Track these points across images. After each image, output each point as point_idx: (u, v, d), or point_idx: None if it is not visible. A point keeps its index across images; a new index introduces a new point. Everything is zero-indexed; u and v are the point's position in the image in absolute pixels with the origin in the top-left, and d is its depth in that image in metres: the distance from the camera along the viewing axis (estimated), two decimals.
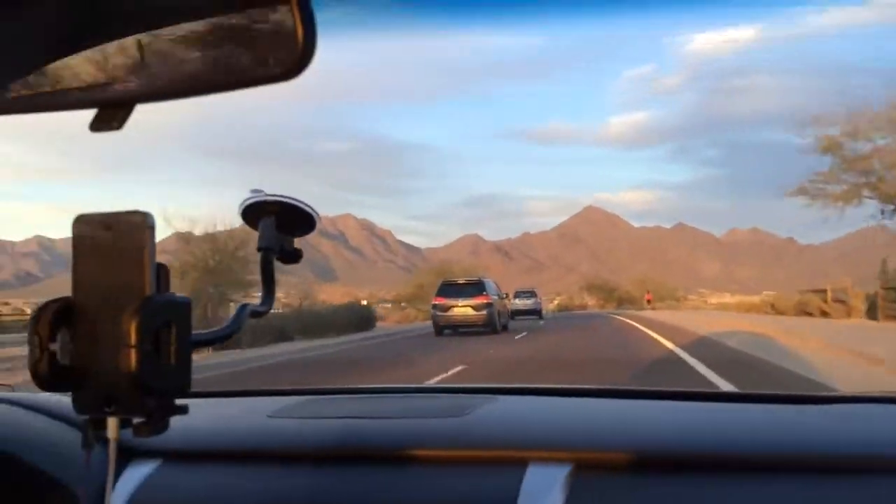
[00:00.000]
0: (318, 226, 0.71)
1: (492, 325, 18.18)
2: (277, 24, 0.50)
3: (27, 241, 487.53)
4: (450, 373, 9.18)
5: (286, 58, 0.50)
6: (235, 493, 0.91)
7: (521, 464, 0.89)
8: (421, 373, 9.47)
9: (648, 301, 47.33)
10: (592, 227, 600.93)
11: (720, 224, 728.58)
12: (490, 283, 20.05)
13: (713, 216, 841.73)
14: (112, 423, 0.52)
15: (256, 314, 0.65)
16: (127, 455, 0.95)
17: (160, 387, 0.51)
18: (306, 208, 0.70)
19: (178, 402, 0.53)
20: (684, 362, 9.78)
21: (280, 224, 0.69)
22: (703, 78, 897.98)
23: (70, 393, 0.53)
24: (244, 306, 0.64)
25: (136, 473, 0.91)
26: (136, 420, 0.52)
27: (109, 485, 0.57)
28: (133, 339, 0.49)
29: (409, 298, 42.53)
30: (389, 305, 47.68)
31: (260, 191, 0.69)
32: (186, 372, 0.52)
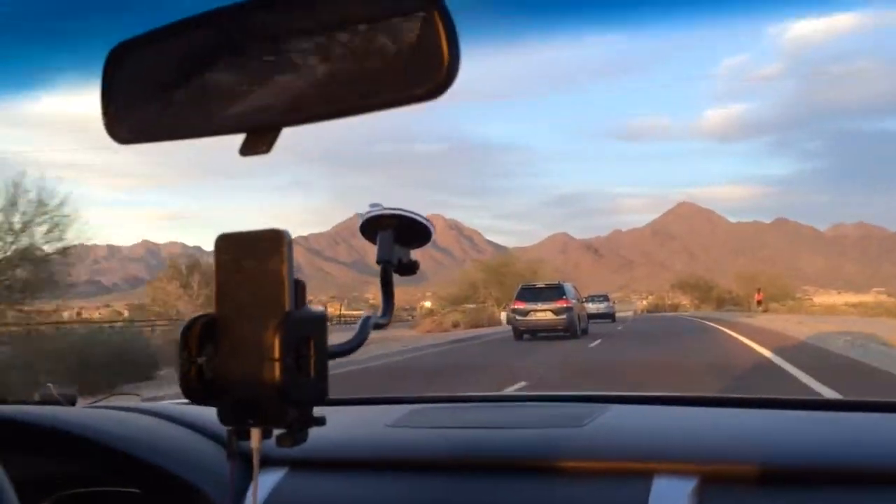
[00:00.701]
0: (434, 237, 0.76)
1: (572, 329, 18.79)
2: (422, 41, 0.53)
3: (135, 246, 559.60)
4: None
5: (431, 76, 0.52)
6: (359, 502, 0.98)
7: (647, 476, 0.91)
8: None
9: (759, 302, 40.99)
10: (686, 223, 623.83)
11: (823, 218, 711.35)
12: (569, 286, 20.71)
13: (815, 210, 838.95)
14: (255, 433, 0.58)
15: (378, 326, 0.69)
16: (261, 463, 1.02)
17: (301, 398, 0.56)
18: (423, 220, 0.75)
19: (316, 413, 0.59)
20: None
21: (397, 237, 0.74)
22: (804, 66, 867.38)
23: (208, 404, 0.59)
24: (368, 318, 0.69)
25: (267, 481, 0.97)
26: (276, 431, 0.58)
27: (255, 493, 0.62)
28: (276, 352, 0.55)
29: (459, 299, 38.89)
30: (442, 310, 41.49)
31: (378, 205, 0.75)
32: (324, 384, 0.57)
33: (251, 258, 0.57)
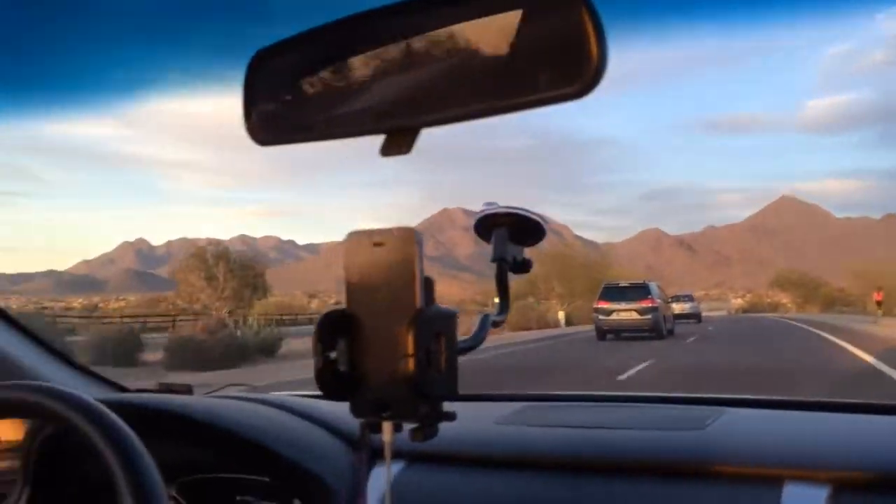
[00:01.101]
0: (547, 234, 0.78)
1: (658, 329, 18.54)
2: (568, 38, 0.53)
3: (233, 240, 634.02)
4: None
5: (578, 74, 0.52)
6: (472, 498, 1.01)
7: (776, 483, 0.90)
8: None
9: (878, 303, 36.10)
10: (787, 218, 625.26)
11: None
12: (654, 285, 20.70)
13: None
14: (387, 427, 0.61)
15: (496, 324, 0.72)
16: (375, 456, 1.01)
17: (432, 393, 0.59)
18: (537, 219, 0.76)
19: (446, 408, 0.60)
20: None
21: (511, 235, 0.76)
22: None
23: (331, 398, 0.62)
24: (486, 316, 0.71)
25: (385, 474, 0.99)
26: (407, 425, 0.61)
27: (388, 485, 0.66)
28: (409, 348, 0.58)
29: (518, 295, 33.11)
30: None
31: (494, 203, 0.77)
32: (454, 379, 0.60)
33: (382, 255, 0.61)
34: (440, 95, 0.59)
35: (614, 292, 19.59)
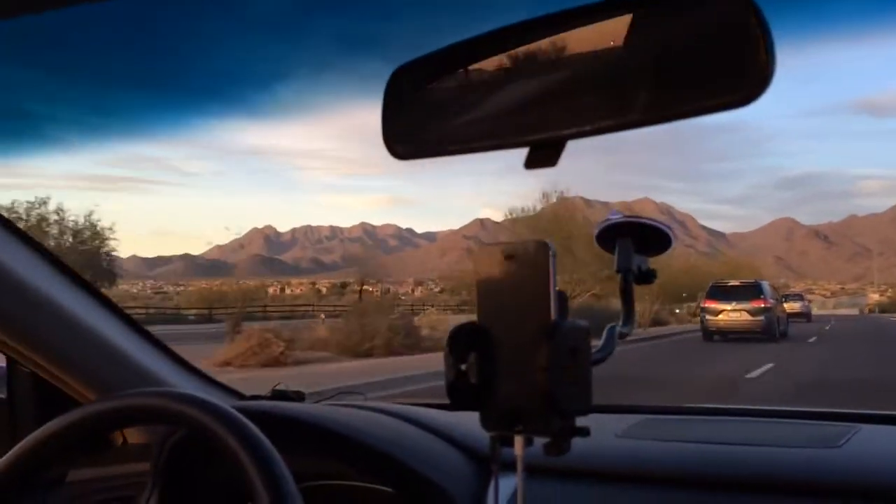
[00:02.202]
0: (674, 243, 0.78)
1: (770, 332, 18.00)
2: (734, 40, 0.50)
3: (353, 228, 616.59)
4: None
5: (744, 80, 0.49)
6: None
7: None
8: None
9: None
10: None
11: None
12: (766, 284, 20.34)
13: None
14: (519, 441, 0.62)
15: (622, 335, 0.72)
16: (489, 464, 1.01)
17: (568, 408, 0.61)
18: (663, 228, 0.76)
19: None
20: None
21: (637, 245, 0.76)
22: None
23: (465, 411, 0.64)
24: (613, 327, 0.72)
25: (505, 487, 0.97)
26: (538, 439, 0.62)
27: (522, 500, 0.65)
28: (545, 362, 0.59)
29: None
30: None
31: (618, 213, 0.78)
32: (589, 394, 0.62)
33: (514, 268, 0.62)
34: (589, 106, 0.58)
35: (723, 291, 19.11)
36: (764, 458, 1.05)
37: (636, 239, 0.78)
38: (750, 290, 19.14)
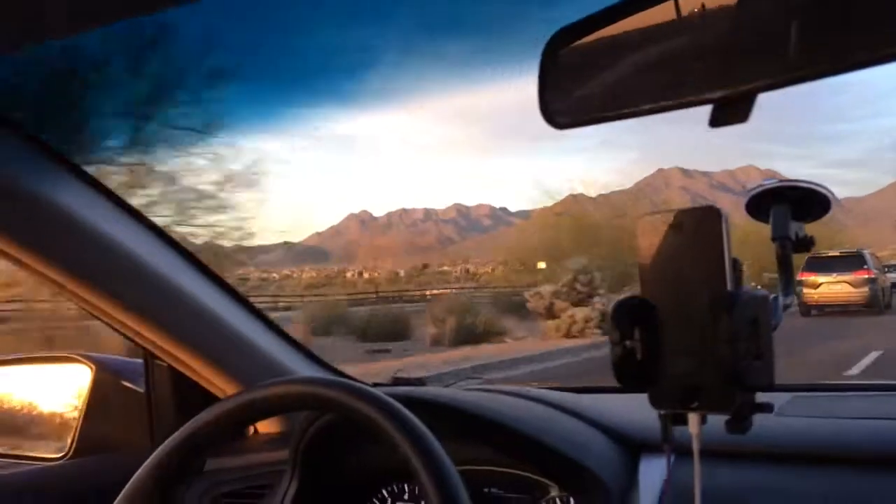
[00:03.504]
0: (834, 205, 0.73)
1: (876, 304, 17.36)
2: None
3: (447, 209, 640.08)
4: None
5: None
6: (765, 496, 0.96)
7: None
8: None
9: None
10: None
11: None
12: (868, 254, 19.28)
13: None
14: (694, 418, 0.60)
15: (786, 307, 0.68)
16: (636, 449, 1.04)
17: (752, 383, 0.57)
18: (822, 191, 0.72)
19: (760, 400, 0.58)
20: None
21: (794, 210, 0.72)
22: None
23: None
24: (776, 298, 0.67)
25: (655, 468, 0.98)
26: (720, 417, 0.59)
27: (697, 486, 0.63)
28: (727, 335, 0.56)
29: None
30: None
31: (772, 179, 0.73)
32: (772, 368, 0.58)
33: (683, 237, 0.59)
34: (784, 52, 0.51)
35: (822, 263, 17.46)
36: None
37: (792, 205, 0.73)
38: (852, 261, 17.98)
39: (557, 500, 1.09)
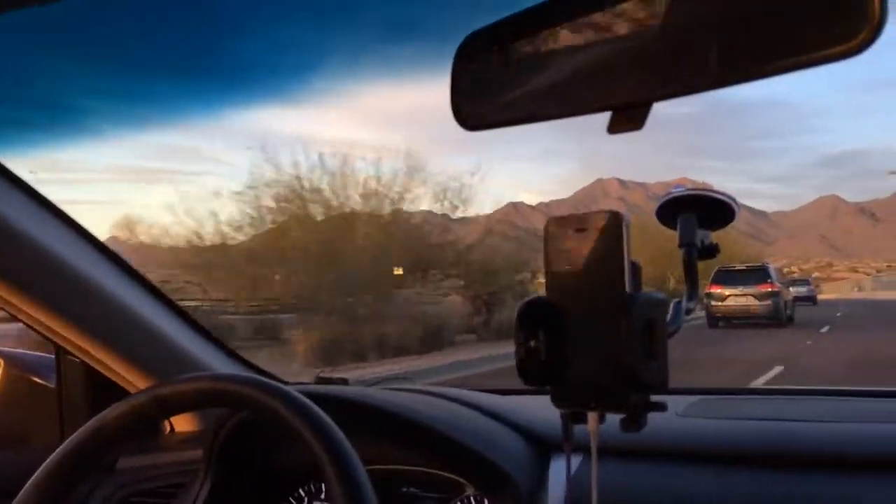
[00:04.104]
0: (737, 216, 0.75)
1: (778, 316, 17.75)
2: None
3: (386, 214, 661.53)
4: None
5: (854, 27, 0.45)
6: (663, 493, 0.99)
7: None
8: None
9: None
10: None
11: None
12: (773, 268, 19.97)
13: None
14: (592, 417, 0.62)
15: (688, 311, 0.70)
16: (547, 448, 1.07)
17: (648, 383, 0.59)
18: (728, 200, 0.74)
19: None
20: None
21: (700, 219, 0.74)
22: None
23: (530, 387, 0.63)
24: (679, 302, 0.69)
25: (561, 466, 0.99)
26: (614, 416, 0.60)
27: (594, 476, 0.64)
28: (623, 336, 0.58)
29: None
30: None
31: (681, 187, 0.75)
32: (666, 368, 0.60)
33: (586, 241, 0.61)
34: (678, 64, 0.54)
35: (729, 276, 18.21)
36: (830, 434, 1.05)
37: (699, 213, 0.75)
38: (757, 274, 18.64)
39: (472, 499, 1.11)
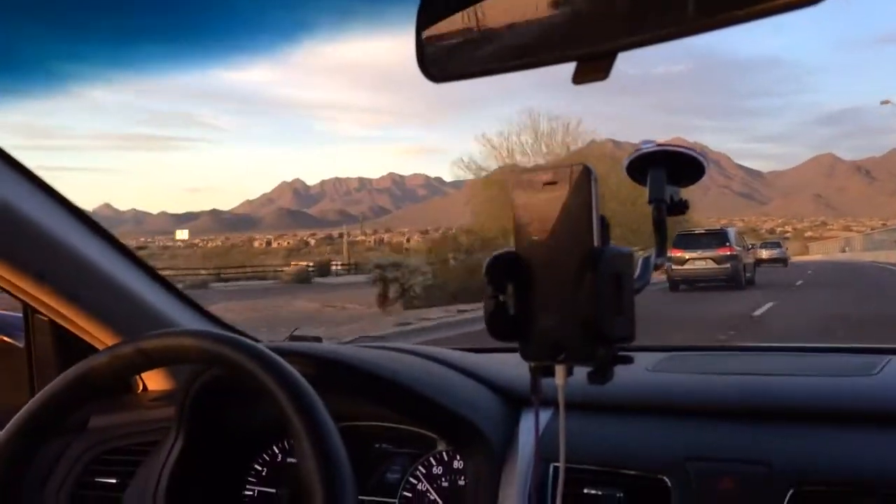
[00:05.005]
0: (707, 171, 0.75)
1: (736, 279, 18.09)
2: None
3: (382, 178, 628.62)
4: None
5: None
6: (630, 446, 1.01)
7: None
8: None
9: None
10: None
11: None
12: (732, 231, 20.02)
13: None
14: (560, 370, 0.62)
15: (657, 266, 0.71)
16: (518, 403, 1.09)
17: (614, 336, 0.59)
18: (697, 156, 0.74)
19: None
20: None
21: (669, 174, 0.74)
22: None
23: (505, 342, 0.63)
24: (648, 258, 0.70)
25: (532, 420, 0.96)
26: (582, 368, 0.61)
27: (562, 428, 0.65)
28: (589, 289, 0.58)
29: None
30: None
31: (651, 142, 0.75)
32: (633, 321, 0.60)
33: (554, 195, 0.60)
34: (640, 12, 0.54)
35: (689, 240, 18.44)
36: (797, 387, 1.07)
37: (669, 169, 0.75)
38: (715, 238, 18.93)
39: (444, 454, 1.12)
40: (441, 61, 0.66)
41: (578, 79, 0.57)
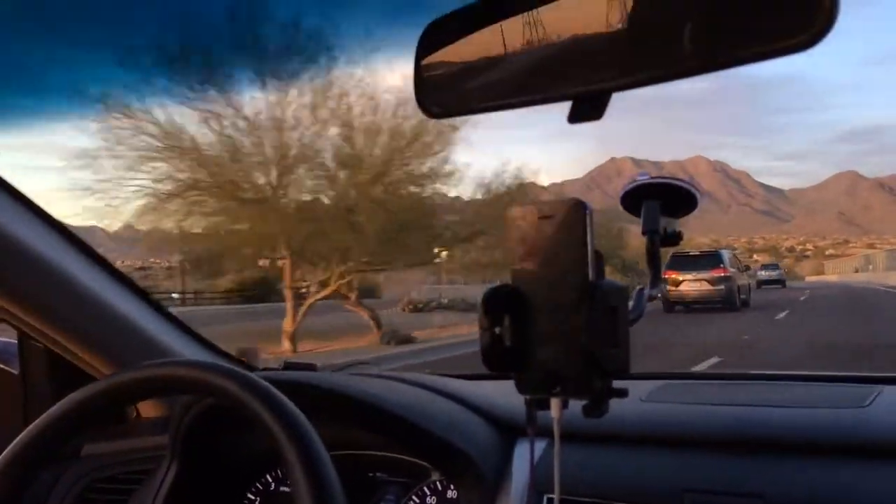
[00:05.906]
0: (701, 204, 0.78)
1: (731, 301, 18.17)
2: None
3: None
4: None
5: (808, 19, 0.46)
6: (626, 477, 1.00)
7: None
8: None
9: None
10: None
11: None
12: (727, 253, 20.26)
13: None
14: (556, 403, 0.62)
15: (650, 297, 0.72)
16: (512, 433, 1.09)
17: (609, 369, 0.60)
18: (690, 188, 0.76)
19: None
20: None
21: (663, 206, 0.76)
22: None
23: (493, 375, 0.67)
24: (642, 289, 0.72)
25: (526, 450, 1.00)
26: (578, 402, 0.62)
27: (557, 462, 0.66)
28: (585, 323, 0.59)
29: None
30: None
31: (646, 174, 0.77)
32: (627, 355, 0.61)
33: (549, 228, 0.61)
34: (636, 55, 0.55)
35: (683, 261, 18.43)
36: (790, 419, 1.07)
37: (663, 200, 0.77)
38: (710, 260, 19.15)
39: (438, 484, 1.12)
40: (440, 98, 0.68)
41: (574, 118, 0.59)
